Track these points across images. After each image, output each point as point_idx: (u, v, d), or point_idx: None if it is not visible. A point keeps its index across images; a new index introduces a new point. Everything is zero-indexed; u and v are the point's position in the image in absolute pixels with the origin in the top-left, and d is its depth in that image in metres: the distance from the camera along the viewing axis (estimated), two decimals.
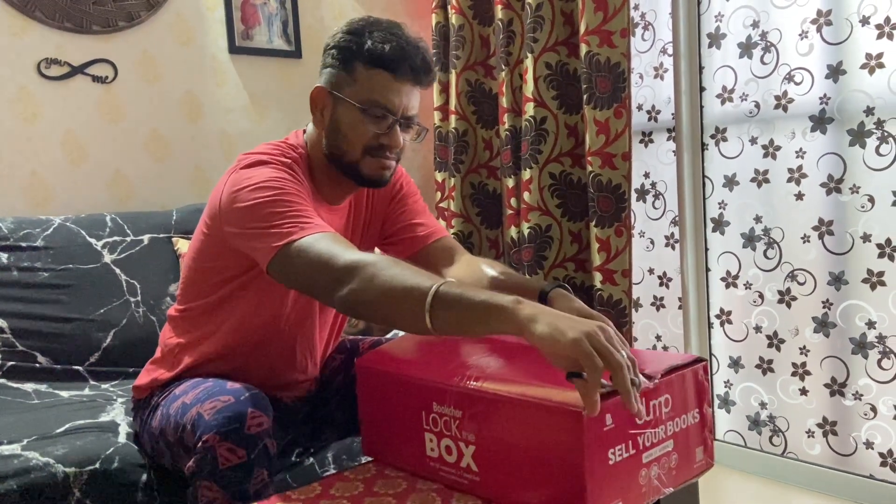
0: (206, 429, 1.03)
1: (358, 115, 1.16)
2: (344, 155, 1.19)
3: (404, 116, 1.19)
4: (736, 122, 2.09)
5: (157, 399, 1.24)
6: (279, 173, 1.12)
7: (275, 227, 1.05)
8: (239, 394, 1.07)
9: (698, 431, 0.98)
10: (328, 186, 1.24)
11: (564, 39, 2.24)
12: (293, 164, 1.18)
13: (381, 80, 1.16)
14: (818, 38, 1.89)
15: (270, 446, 1.06)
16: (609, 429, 0.85)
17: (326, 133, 1.20)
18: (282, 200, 1.07)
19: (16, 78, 1.97)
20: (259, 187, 1.08)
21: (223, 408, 1.04)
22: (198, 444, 1.03)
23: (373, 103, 1.16)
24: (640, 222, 2.38)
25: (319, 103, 1.20)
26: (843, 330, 1.91)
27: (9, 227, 1.80)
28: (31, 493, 1.19)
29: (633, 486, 0.88)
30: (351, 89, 1.17)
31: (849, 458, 1.93)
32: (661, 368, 0.93)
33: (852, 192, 1.86)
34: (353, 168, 1.19)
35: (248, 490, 1.04)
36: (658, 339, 2.38)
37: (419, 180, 2.79)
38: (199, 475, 1.04)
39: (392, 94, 1.16)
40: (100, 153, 2.11)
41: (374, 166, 1.19)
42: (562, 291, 1.12)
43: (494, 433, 0.92)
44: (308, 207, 1.10)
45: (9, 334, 1.70)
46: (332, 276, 0.98)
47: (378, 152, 1.18)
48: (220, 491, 1.03)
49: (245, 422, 1.03)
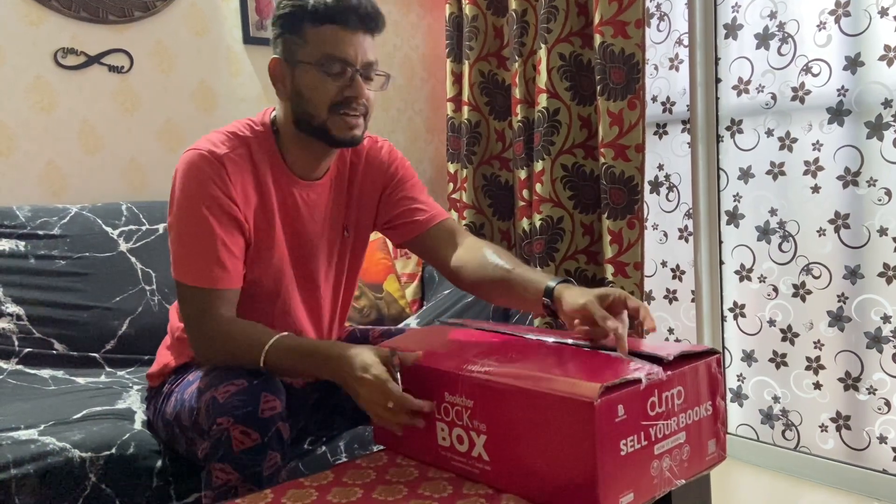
0: (220, 412, 1.04)
1: (317, 73, 1.16)
2: (312, 118, 1.19)
3: (363, 66, 1.18)
4: (752, 114, 2.07)
5: (170, 386, 1.26)
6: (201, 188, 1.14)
7: (180, 258, 1.17)
8: (252, 378, 1.08)
9: (711, 424, 0.97)
10: (302, 159, 1.25)
11: (578, 30, 2.23)
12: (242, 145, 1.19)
13: (331, 34, 1.15)
14: (836, 29, 1.87)
15: (283, 430, 1.08)
16: (621, 420, 0.85)
17: (291, 101, 1.21)
18: (189, 236, 1.16)
19: (32, 67, 1.98)
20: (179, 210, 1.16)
21: (237, 391, 1.05)
22: (212, 428, 1.05)
23: (328, 58, 1.15)
24: (653, 215, 2.36)
25: (279, 74, 1.21)
26: (858, 324, 1.89)
27: (26, 215, 1.82)
28: (48, 477, 1.20)
29: (644, 477, 0.88)
30: (305, 51, 1.17)
31: (862, 452, 1.91)
32: (674, 351, 0.93)
33: (869, 186, 1.84)
34: (322, 130, 1.19)
35: (262, 472, 1.05)
36: (671, 332, 2.37)
37: (431, 171, 2.79)
38: (213, 458, 1.05)
39: (346, 46, 1.16)
40: (115, 142, 2.12)
41: (342, 125, 1.18)
42: (567, 285, 1.12)
43: (506, 423, 0.92)
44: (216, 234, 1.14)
45: (26, 321, 1.72)
46: (197, 334, 1.16)
47: (344, 107, 1.17)
48: (234, 473, 1.04)
49: (259, 405, 1.04)
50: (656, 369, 0.89)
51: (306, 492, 0.97)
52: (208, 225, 1.14)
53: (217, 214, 1.14)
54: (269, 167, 1.22)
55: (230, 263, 1.16)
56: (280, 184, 1.23)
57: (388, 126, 2.66)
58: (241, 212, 1.18)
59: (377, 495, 0.95)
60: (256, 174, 1.21)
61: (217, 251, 1.14)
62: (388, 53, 2.64)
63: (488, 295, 1.28)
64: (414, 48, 2.72)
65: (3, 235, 1.77)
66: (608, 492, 0.84)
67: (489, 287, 1.24)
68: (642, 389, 0.87)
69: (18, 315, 1.72)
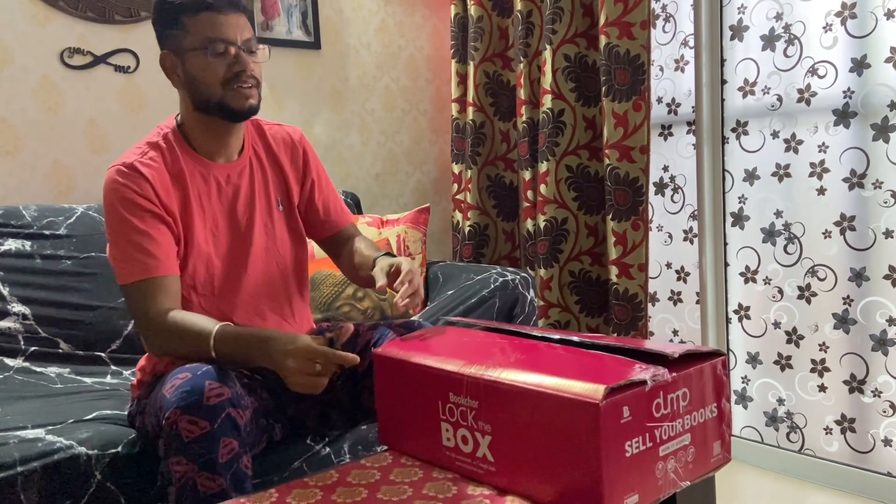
0: (167, 406, 1.06)
1: (203, 57, 1.26)
2: (208, 98, 1.28)
3: (243, 42, 1.28)
4: (757, 116, 2.07)
5: (144, 401, 1.27)
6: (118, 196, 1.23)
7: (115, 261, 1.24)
8: (196, 369, 1.10)
9: (716, 425, 0.97)
10: (210, 142, 1.33)
11: (584, 31, 2.23)
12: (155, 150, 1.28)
13: (208, 21, 1.25)
14: (842, 31, 1.87)
15: (236, 416, 1.08)
16: (626, 421, 0.85)
17: (187, 88, 1.30)
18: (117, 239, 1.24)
19: (39, 67, 1.99)
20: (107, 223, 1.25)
21: (181, 384, 1.07)
22: (163, 423, 1.06)
23: (211, 41, 1.25)
24: (658, 216, 2.36)
25: (171, 66, 1.30)
26: (864, 326, 1.89)
27: (32, 215, 1.82)
28: (54, 474, 1.21)
29: (649, 478, 0.88)
30: (189, 40, 1.26)
31: (867, 455, 1.91)
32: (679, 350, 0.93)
33: (875, 188, 1.84)
34: (221, 105, 1.28)
35: (217, 460, 1.05)
36: (675, 333, 2.37)
37: (436, 172, 2.79)
38: (168, 453, 1.06)
39: (224, 28, 1.26)
40: (121, 142, 2.13)
41: (238, 96, 1.27)
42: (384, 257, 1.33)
43: (511, 424, 0.92)
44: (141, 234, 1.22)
45: (32, 321, 1.73)
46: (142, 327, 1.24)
47: (236, 81, 1.27)
48: (188, 464, 1.04)
49: (203, 393, 1.05)
50: (662, 371, 0.89)
51: (311, 491, 0.97)
52: (130, 224, 1.22)
53: (136, 213, 1.23)
54: (183, 160, 1.30)
55: (159, 252, 1.23)
56: (198, 171, 1.31)
57: (392, 126, 2.67)
58: (163, 207, 1.25)
59: (382, 495, 0.95)
60: (171, 170, 1.29)
61: (142, 244, 1.22)
62: (393, 54, 2.64)
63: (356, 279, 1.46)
64: (419, 49, 2.72)
65: (9, 235, 1.77)
66: (613, 493, 0.84)
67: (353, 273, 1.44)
68: (647, 391, 0.87)
69: (24, 314, 1.73)
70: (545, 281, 2.30)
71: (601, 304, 2.30)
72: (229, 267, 1.33)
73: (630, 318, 2.16)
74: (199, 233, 1.29)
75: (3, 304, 1.71)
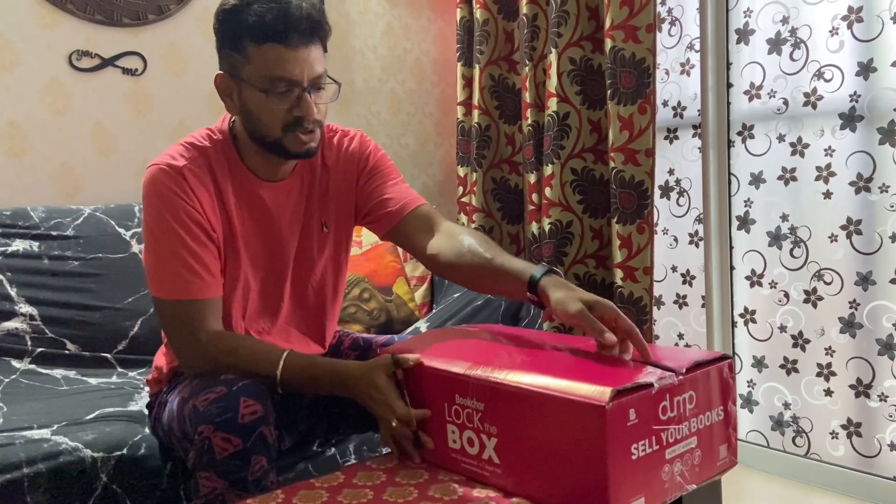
0: (200, 420, 1.04)
1: (263, 96, 1.13)
2: (264, 136, 1.17)
3: (310, 82, 1.15)
4: (763, 119, 2.07)
5: (164, 395, 1.26)
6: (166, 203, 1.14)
7: (151, 273, 1.17)
8: (231, 384, 1.07)
9: (722, 429, 0.97)
10: (261, 166, 1.23)
11: (589, 34, 2.23)
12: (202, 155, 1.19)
13: (274, 54, 1.11)
14: (849, 34, 1.86)
15: (267, 434, 1.07)
16: (632, 424, 0.85)
17: (241, 118, 1.19)
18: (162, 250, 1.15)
19: (47, 69, 2.00)
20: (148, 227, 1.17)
21: (216, 398, 1.05)
22: (195, 436, 1.05)
23: (273, 80, 1.12)
24: (663, 219, 2.36)
25: (226, 90, 1.19)
26: (870, 331, 1.88)
27: (40, 216, 1.83)
28: (60, 476, 1.21)
29: (655, 481, 0.88)
30: (248, 70, 1.13)
31: (873, 459, 1.90)
32: (685, 363, 0.93)
33: (881, 192, 1.83)
34: (278, 146, 1.18)
35: (247, 478, 1.04)
36: (680, 337, 2.37)
37: (441, 175, 2.79)
38: (198, 466, 1.05)
39: (290, 65, 1.12)
40: (128, 144, 2.14)
41: (297, 141, 1.17)
42: (553, 279, 1.07)
43: (517, 426, 0.92)
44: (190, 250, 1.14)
45: (39, 321, 1.74)
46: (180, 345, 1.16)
47: (296, 127, 1.15)
48: (219, 480, 1.04)
49: (238, 410, 1.03)
50: (668, 373, 0.89)
51: (317, 493, 0.98)
52: (178, 237, 1.14)
53: (185, 226, 1.14)
54: (230, 173, 1.22)
55: (206, 272, 1.16)
56: (243, 188, 1.22)
57: (398, 129, 2.67)
58: (208, 220, 1.17)
59: (387, 497, 0.95)
60: (216, 182, 1.20)
61: (189, 261, 1.14)
62: (399, 57, 2.65)
63: (468, 281, 1.23)
64: (425, 52, 2.73)
65: (17, 236, 1.78)
66: (619, 496, 0.84)
67: (468, 273, 1.20)
68: (654, 393, 0.87)
69: (32, 315, 1.74)
70: None
71: None
72: (265, 289, 1.27)
73: (635, 322, 2.14)
74: (238, 252, 1.22)
75: (11, 304, 1.72)
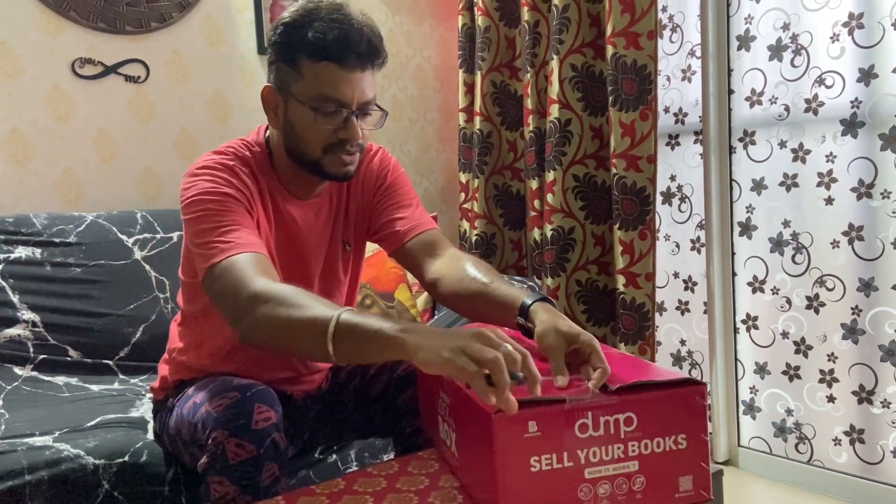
0: (214, 425, 1.04)
1: (310, 113, 1.12)
2: (304, 154, 1.16)
3: (359, 106, 1.13)
4: (765, 126, 2.07)
5: (172, 401, 1.26)
6: (213, 183, 1.11)
7: (202, 247, 1.07)
8: (245, 389, 1.07)
9: (685, 459, 0.90)
10: (294, 182, 1.22)
11: (591, 41, 2.24)
12: (243, 163, 1.17)
13: (328, 73, 1.09)
14: (850, 41, 1.87)
15: (279, 440, 1.07)
16: (532, 436, 0.84)
17: (283, 133, 1.17)
18: (209, 216, 1.08)
19: (50, 77, 2.01)
20: (192, 201, 1.10)
21: (230, 404, 1.05)
22: (208, 441, 1.05)
23: (323, 99, 1.11)
24: (665, 226, 2.36)
25: (271, 103, 1.17)
26: (872, 337, 1.88)
27: (42, 223, 1.84)
28: (62, 483, 1.21)
29: (569, 498, 0.86)
30: (299, 86, 1.12)
31: (876, 466, 1.89)
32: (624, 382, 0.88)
33: (883, 198, 1.83)
34: (316, 166, 1.16)
35: (259, 484, 1.05)
36: (682, 343, 2.36)
37: (443, 181, 2.80)
38: (210, 471, 1.06)
39: (342, 86, 1.10)
40: (131, 151, 2.15)
41: (337, 163, 1.15)
42: (544, 306, 1.04)
43: (462, 425, 0.97)
44: (238, 218, 1.09)
45: (41, 328, 1.74)
46: (235, 307, 1.00)
47: (338, 149, 1.14)
48: (231, 486, 1.04)
49: (252, 417, 1.04)
50: (586, 393, 0.86)
51: (317, 499, 0.98)
52: (228, 207, 1.09)
53: (235, 203, 1.11)
54: (266, 185, 1.20)
55: (255, 238, 1.09)
56: (276, 202, 1.21)
57: (400, 136, 2.68)
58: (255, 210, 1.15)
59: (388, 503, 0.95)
60: (259, 190, 1.19)
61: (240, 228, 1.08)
62: (401, 64, 2.65)
63: (464, 309, 1.19)
64: (426, 59, 2.73)
65: (19, 243, 1.79)
66: None
67: (465, 301, 1.16)
68: (566, 409, 0.85)
69: (34, 322, 1.74)
70: (552, 290, 2.30)
71: (608, 314, 2.30)
72: None
73: (637, 328, 2.16)
74: None
75: (14, 311, 1.72)
